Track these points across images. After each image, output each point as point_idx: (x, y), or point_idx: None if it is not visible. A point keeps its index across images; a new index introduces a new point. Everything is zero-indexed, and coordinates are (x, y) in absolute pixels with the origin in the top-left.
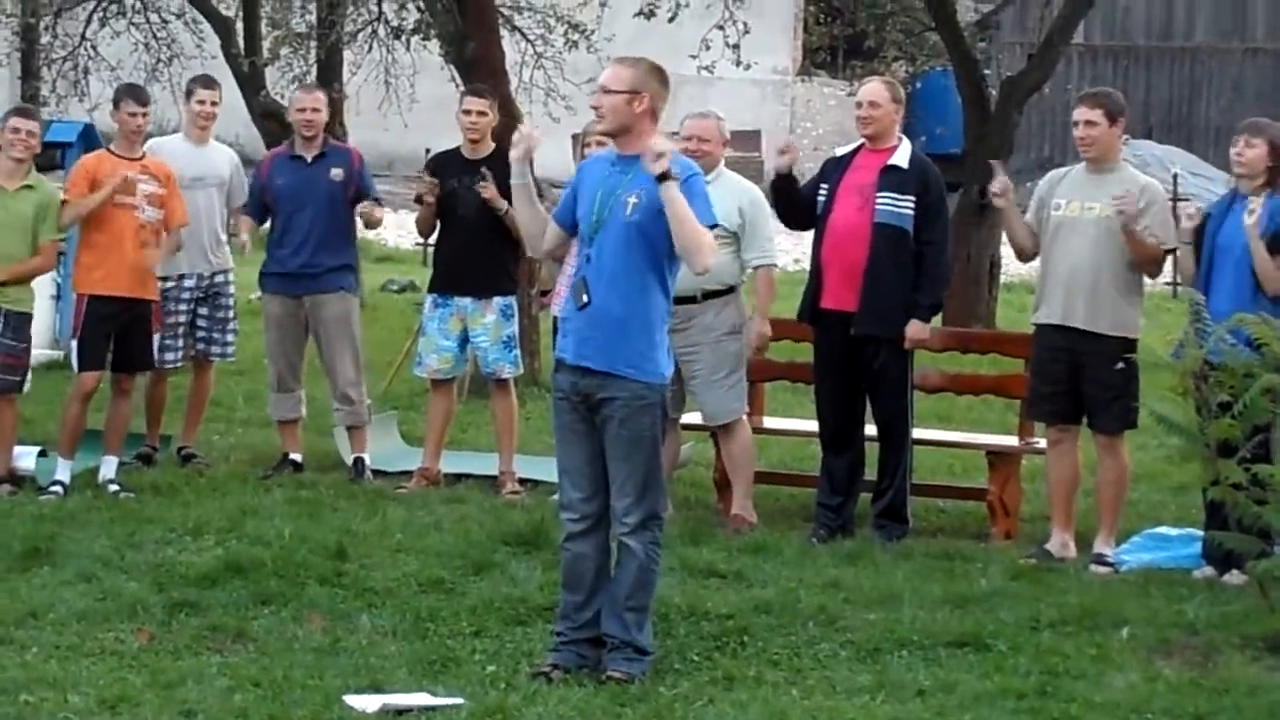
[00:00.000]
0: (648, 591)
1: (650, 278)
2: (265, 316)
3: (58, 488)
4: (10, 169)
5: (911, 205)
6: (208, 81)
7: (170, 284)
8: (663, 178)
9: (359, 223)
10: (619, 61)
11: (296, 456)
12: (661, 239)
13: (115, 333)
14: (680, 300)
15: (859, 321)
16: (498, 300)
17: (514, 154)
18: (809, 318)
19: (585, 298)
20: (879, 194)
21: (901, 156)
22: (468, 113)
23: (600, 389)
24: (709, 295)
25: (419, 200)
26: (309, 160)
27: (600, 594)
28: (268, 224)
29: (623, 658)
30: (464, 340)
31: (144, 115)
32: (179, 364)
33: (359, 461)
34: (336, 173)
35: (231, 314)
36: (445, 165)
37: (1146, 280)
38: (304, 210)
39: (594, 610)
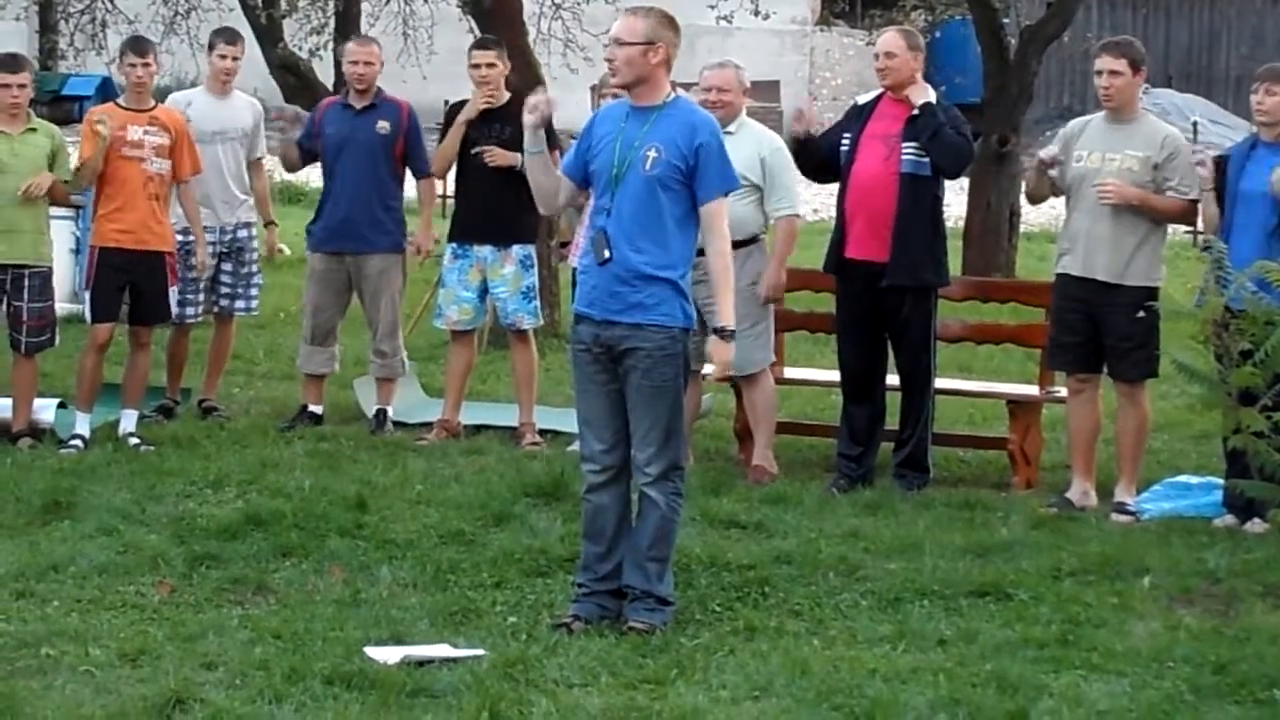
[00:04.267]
0: (669, 542)
1: (671, 229)
2: (309, 270)
3: (77, 441)
4: (8, 118)
5: None
6: (231, 36)
7: (191, 238)
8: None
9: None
10: (631, 12)
11: (317, 409)
12: (681, 191)
13: (130, 285)
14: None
15: (890, 273)
16: (517, 249)
17: (528, 121)
18: (834, 268)
19: (606, 253)
20: (904, 144)
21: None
22: (476, 66)
23: (623, 340)
24: (733, 246)
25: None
26: (358, 110)
27: (621, 545)
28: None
29: (644, 608)
30: (483, 291)
31: (144, 66)
32: (199, 318)
33: (381, 413)
34: (383, 125)
35: (255, 268)
36: None
37: (1170, 227)
38: (348, 160)
39: (615, 561)
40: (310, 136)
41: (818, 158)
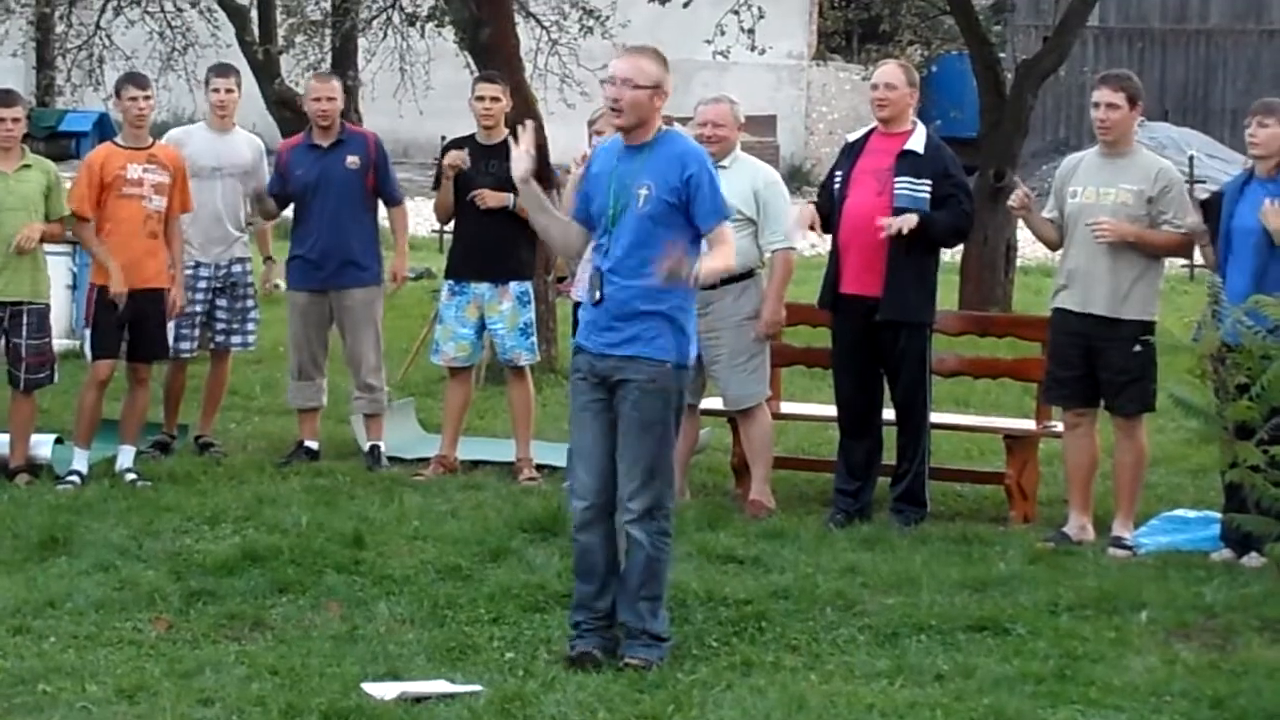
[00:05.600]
0: (659, 580)
1: None
2: (290, 306)
3: (75, 477)
4: (2, 152)
5: (929, 189)
6: (222, 70)
7: (186, 272)
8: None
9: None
10: (637, 53)
11: (313, 445)
12: (675, 228)
13: (129, 322)
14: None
15: (884, 308)
16: (514, 286)
17: (516, 175)
18: (829, 303)
19: (598, 293)
20: (896, 179)
21: (917, 142)
22: (481, 99)
23: (615, 371)
24: (728, 280)
25: (438, 181)
26: (325, 148)
27: (613, 582)
28: (290, 213)
29: (640, 645)
30: (481, 327)
31: (145, 99)
32: (194, 353)
33: (375, 449)
34: (353, 160)
35: (251, 303)
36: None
37: (1167, 261)
38: (323, 199)
39: (610, 598)
40: (279, 182)
41: (825, 217)
